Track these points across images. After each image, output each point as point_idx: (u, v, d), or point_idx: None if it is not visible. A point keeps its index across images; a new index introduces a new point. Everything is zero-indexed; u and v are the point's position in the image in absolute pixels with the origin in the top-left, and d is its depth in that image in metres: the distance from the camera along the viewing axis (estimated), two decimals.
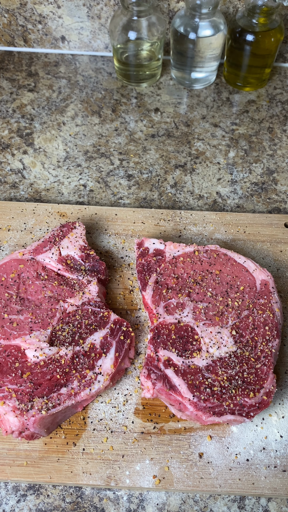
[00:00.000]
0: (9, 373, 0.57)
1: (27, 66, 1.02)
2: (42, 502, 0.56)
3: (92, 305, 0.64)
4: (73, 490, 0.57)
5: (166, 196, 0.83)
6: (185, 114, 0.95)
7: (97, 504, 0.56)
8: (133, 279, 0.71)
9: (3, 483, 0.57)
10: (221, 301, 0.63)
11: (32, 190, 0.84)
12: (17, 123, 0.93)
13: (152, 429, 0.59)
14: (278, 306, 0.63)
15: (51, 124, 0.93)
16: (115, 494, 0.57)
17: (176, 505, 0.56)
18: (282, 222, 0.77)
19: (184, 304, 0.63)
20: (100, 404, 0.61)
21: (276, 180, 0.86)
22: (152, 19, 0.88)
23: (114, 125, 0.93)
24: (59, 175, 0.86)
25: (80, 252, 0.68)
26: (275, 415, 0.60)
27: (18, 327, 0.61)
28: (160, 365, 0.58)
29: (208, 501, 0.57)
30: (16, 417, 0.54)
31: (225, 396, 0.56)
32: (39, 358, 0.59)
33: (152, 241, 0.70)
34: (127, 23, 0.88)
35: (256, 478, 0.56)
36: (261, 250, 0.75)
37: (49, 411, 0.54)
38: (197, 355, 0.59)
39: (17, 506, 0.56)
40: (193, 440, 0.58)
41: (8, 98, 0.97)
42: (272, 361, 0.59)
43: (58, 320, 0.62)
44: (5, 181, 0.85)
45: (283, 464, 0.57)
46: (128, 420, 0.59)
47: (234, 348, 0.59)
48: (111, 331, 0.61)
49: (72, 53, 1.05)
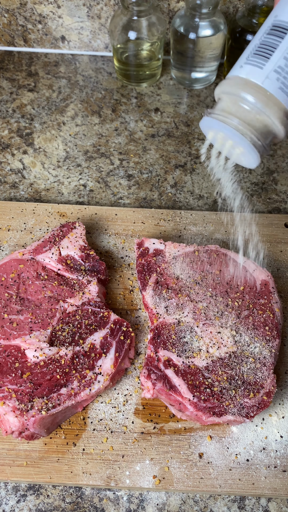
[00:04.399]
0: (9, 373, 0.57)
1: (27, 66, 1.02)
2: (42, 502, 0.56)
3: (92, 305, 0.64)
4: (73, 490, 0.57)
5: (166, 196, 0.83)
6: (185, 114, 0.95)
7: (97, 504, 0.56)
8: (133, 279, 0.71)
9: (3, 483, 0.57)
10: (221, 301, 0.63)
11: (32, 190, 0.84)
12: (17, 123, 0.93)
13: (152, 429, 0.59)
14: (278, 306, 0.63)
15: (51, 124, 0.93)
16: (115, 494, 0.57)
17: (176, 505, 0.56)
18: (282, 222, 0.77)
19: (184, 304, 0.63)
20: (100, 404, 0.61)
21: (276, 180, 0.86)
22: (152, 19, 0.88)
23: (114, 125, 0.93)
24: (59, 175, 0.86)
25: (80, 252, 0.68)
26: (275, 415, 0.60)
27: (18, 327, 0.61)
28: (160, 365, 0.58)
29: (208, 501, 0.57)
30: (16, 417, 0.54)
31: (225, 397, 0.56)
32: (39, 358, 0.59)
33: (152, 241, 0.70)
34: (127, 23, 0.88)
35: (256, 478, 0.56)
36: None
37: (49, 411, 0.54)
38: (197, 355, 0.59)
39: (17, 506, 0.56)
40: (193, 440, 0.58)
41: (8, 98, 0.97)
42: (272, 361, 0.59)
43: (58, 320, 0.62)
44: (5, 181, 0.85)
45: (283, 464, 0.57)
46: (128, 420, 0.59)
47: (234, 348, 0.59)
48: (111, 331, 0.61)
49: (72, 53, 1.05)
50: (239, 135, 0.40)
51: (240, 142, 0.41)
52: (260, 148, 0.41)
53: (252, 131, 0.40)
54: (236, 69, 0.42)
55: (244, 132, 0.40)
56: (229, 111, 0.41)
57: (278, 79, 0.39)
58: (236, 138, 0.41)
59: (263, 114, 0.39)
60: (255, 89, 0.39)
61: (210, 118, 0.42)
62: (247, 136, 0.40)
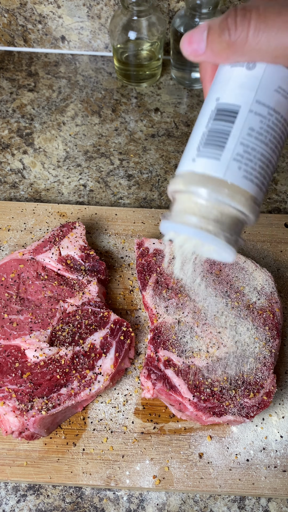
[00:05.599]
0: (9, 373, 0.57)
1: (27, 66, 1.02)
2: (42, 502, 0.56)
3: (92, 305, 0.64)
4: (73, 490, 0.57)
5: (166, 196, 0.83)
6: (185, 114, 0.95)
7: (97, 504, 0.56)
8: (133, 279, 0.71)
9: (3, 483, 0.57)
10: (221, 301, 0.63)
11: (32, 190, 0.84)
12: (17, 123, 0.93)
13: (152, 429, 0.59)
14: (278, 306, 0.63)
15: (51, 124, 0.93)
16: (115, 494, 0.57)
17: (176, 505, 0.56)
18: (282, 222, 0.77)
19: (184, 304, 0.63)
20: (100, 404, 0.61)
21: (276, 180, 0.86)
22: (152, 19, 0.88)
23: (114, 125, 0.93)
24: (59, 175, 0.86)
25: (80, 252, 0.68)
26: (275, 415, 0.60)
27: (18, 327, 0.61)
28: (160, 365, 0.58)
29: (208, 501, 0.57)
30: (16, 417, 0.54)
31: (225, 397, 0.56)
32: (39, 358, 0.59)
33: (152, 241, 0.70)
34: (127, 23, 0.88)
35: (256, 478, 0.56)
36: (261, 250, 0.75)
37: (49, 411, 0.54)
38: (197, 355, 0.59)
39: (17, 506, 0.56)
40: (193, 440, 0.58)
41: (8, 98, 0.97)
42: (272, 361, 0.59)
43: (58, 320, 0.62)
44: (5, 181, 0.85)
45: (283, 464, 0.57)
46: (128, 420, 0.59)
47: (234, 348, 0.59)
48: (111, 331, 0.61)
49: (72, 53, 1.05)
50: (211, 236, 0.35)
51: (211, 242, 0.37)
52: (235, 242, 0.37)
53: (223, 228, 0.35)
54: (187, 163, 0.37)
55: (215, 232, 0.35)
56: (192, 212, 0.36)
57: (240, 168, 0.34)
58: (207, 239, 0.36)
59: (230, 208, 0.35)
60: (217, 184, 0.34)
61: (172, 222, 0.37)
62: (219, 235, 0.35)
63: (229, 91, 0.36)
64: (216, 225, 0.35)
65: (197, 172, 0.35)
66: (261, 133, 0.35)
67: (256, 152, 0.35)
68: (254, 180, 0.35)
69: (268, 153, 0.35)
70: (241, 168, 0.34)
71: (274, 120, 0.35)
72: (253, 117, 0.35)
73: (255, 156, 0.35)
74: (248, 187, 0.35)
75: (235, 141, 0.35)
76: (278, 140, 0.36)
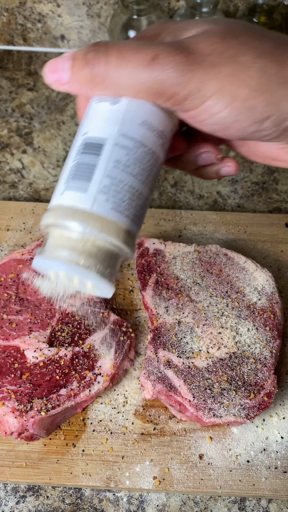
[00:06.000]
0: (8, 374, 0.57)
1: (27, 65, 1.02)
2: (42, 504, 0.56)
3: (92, 306, 0.63)
4: (72, 491, 0.57)
5: (166, 195, 0.83)
6: None
7: (96, 506, 0.56)
8: (133, 279, 0.71)
9: (2, 484, 0.57)
10: (222, 302, 0.63)
11: (32, 190, 0.84)
12: (16, 122, 0.93)
13: (152, 430, 0.59)
14: (279, 307, 0.63)
15: (50, 123, 0.93)
16: (115, 496, 0.56)
17: (176, 506, 0.56)
18: (283, 222, 0.77)
19: (184, 305, 0.63)
20: (99, 405, 0.60)
21: (277, 180, 0.85)
22: (152, 18, 0.87)
23: None
24: (59, 174, 0.86)
25: None
26: (275, 416, 0.60)
27: (17, 327, 0.61)
28: (160, 366, 0.58)
29: (208, 502, 0.56)
30: (15, 418, 0.53)
31: (226, 397, 0.55)
32: (39, 359, 0.58)
33: (152, 241, 0.70)
34: (127, 22, 0.87)
35: (256, 479, 0.56)
36: (262, 250, 0.74)
37: (48, 412, 0.54)
38: (198, 356, 0.59)
39: (16, 507, 0.56)
40: (194, 441, 0.58)
41: (7, 97, 0.96)
42: (273, 362, 0.58)
43: (57, 321, 0.62)
44: (4, 180, 0.85)
45: (283, 465, 0.57)
46: (128, 421, 0.59)
47: (234, 349, 0.59)
48: (111, 332, 0.61)
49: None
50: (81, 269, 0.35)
51: (84, 276, 0.36)
52: (110, 276, 0.36)
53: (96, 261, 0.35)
54: (56, 197, 0.36)
55: (86, 265, 0.34)
56: (62, 246, 0.35)
57: (108, 200, 0.34)
58: (79, 273, 0.35)
59: (101, 240, 0.34)
60: (85, 216, 0.34)
61: (44, 258, 0.36)
62: (91, 269, 0.35)
63: (95, 125, 0.36)
64: (88, 258, 0.34)
65: (65, 205, 0.35)
66: (128, 165, 0.35)
67: (124, 184, 0.35)
68: (125, 212, 0.35)
69: (137, 185, 0.35)
70: (109, 200, 0.34)
71: (141, 153, 0.35)
72: (118, 150, 0.35)
73: (123, 188, 0.34)
74: (118, 218, 0.34)
75: (101, 173, 0.34)
76: (148, 172, 0.36)
